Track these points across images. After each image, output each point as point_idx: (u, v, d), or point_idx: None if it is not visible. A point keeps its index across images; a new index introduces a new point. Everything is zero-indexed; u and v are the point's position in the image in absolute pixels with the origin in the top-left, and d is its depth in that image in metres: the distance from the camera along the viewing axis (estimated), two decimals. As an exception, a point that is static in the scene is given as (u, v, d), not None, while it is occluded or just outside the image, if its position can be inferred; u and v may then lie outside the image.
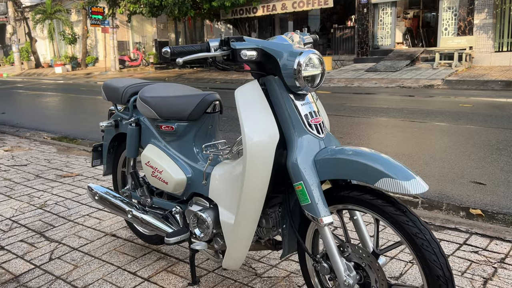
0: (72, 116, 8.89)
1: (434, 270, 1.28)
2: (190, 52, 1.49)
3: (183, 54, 1.48)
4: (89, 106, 10.63)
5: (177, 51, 1.47)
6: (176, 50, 1.47)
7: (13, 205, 3.26)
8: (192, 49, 1.49)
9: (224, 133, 6.00)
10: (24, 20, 28.15)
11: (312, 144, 1.50)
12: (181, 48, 1.48)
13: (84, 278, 2.17)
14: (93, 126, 6.83)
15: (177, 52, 1.47)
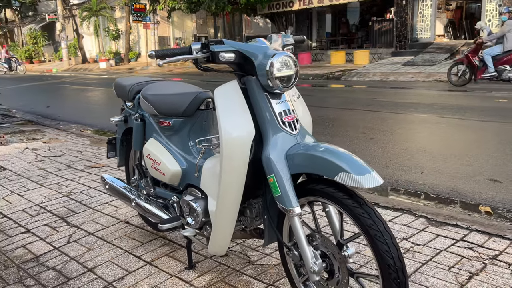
0: (111, 110, 9.32)
1: (386, 260, 1.37)
2: (173, 54, 1.63)
3: (166, 56, 1.62)
4: (127, 100, 11.06)
5: (161, 53, 1.62)
6: (160, 53, 1.62)
7: (43, 193, 3.55)
8: (175, 51, 1.63)
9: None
10: (72, 18, 29.43)
11: (284, 140, 1.61)
12: (165, 51, 1.62)
13: (95, 260, 2.38)
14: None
15: (161, 54, 1.62)
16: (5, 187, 3.76)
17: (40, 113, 8.75)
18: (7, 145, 5.16)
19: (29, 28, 34.33)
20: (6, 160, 4.64)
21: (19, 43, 35.10)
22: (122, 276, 2.19)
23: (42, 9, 34.65)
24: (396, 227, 2.63)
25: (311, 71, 15.07)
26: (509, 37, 9.10)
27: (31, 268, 2.34)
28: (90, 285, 2.13)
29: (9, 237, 2.75)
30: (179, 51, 1.64)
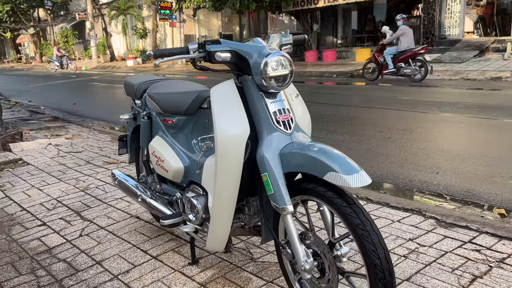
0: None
1: (372, 259, 1.36)
2: (171, 54, 1.67)
3: (164, 56, 1.66)
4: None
5: (159, 53, 1.66)
6: (158, 52, 1.66)
7: (61, 187, 3.67)
8: (173, 51, 1.67)
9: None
10: (101, 16, 30.09)
11: (279, 139, 1.62)
12: (164, 51, 1.66)
13: (103, 253, 2.46)
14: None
15: (159, 54, 1.66)
16: (26, 181, 3.90)
17: (67, 110, 9.01)
18: (31, 141, 5.34)
19: (61, 27, 35.29)
20: (29, 155, 4.81)
21: (51, 42, 36.12)
22: (127, 270, 2.26)
23: (73, 8, 35.54)
24: (404, 227, 2.61)
25: (335, 69, 14.93)
26: (403, 40, 10.90)
27: (43, 260, 2.43)
28: (97, 278, 2.20)
29: (26, 230, 2.86)
30: (177, 51, 1.68)
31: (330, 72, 14.39)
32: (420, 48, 10.85)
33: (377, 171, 3.98)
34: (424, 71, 10.49)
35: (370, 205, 2.99)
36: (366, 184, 1.39)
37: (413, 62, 10.65)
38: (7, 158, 4.63)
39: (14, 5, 34.86)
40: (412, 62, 10.66)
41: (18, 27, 38.54)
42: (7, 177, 4.09)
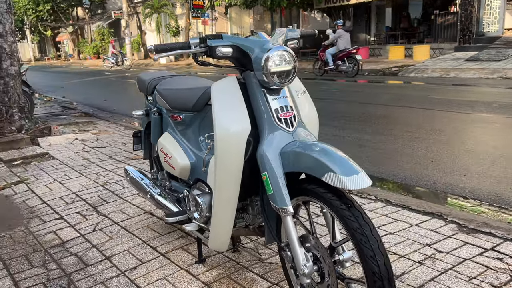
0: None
1: (370, 266, 1.28)
2: (172, 49, 1.64)
3: (165, 51, 1.63)
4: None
5: (160, 48, 1.63)
6: (160, 47, 1.63)
7: (82, 182, 3.73)
8: (174, 46, 1.64)
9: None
10: (136, 15, 30.65)
11: (280, 137, 1.56)
12: (165, 46, 1.63)
13: (113, 249, 2.46)
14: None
15: (160, 49, 1.63)
16: (50, 175, 3.99)
17: (97, 105, 9.21)
18: (59, 136, 5.48)
19: (98, 25, 36.21)
20: (56, 150, 4.93)
21: (88, 40, 37.14)
22: (135, 266, 2.25)
23: (110, 7, 36.38)
24: (422, 232, 2.49)
25: (367, 67, 14.62)
26: (339, 42, 12.66)
27: (56, 253, 2.47)
28: (104, 273, 2.20)
29: (43, 223, 2.92)
30: (179, 46, 1.64)
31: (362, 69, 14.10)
32: (352, 49, 12.65)
33: (400, 172, 3.84)
34: (356, 68, 12.53)
35: (388, 207, 2.88)
36: (365, 186, 1.31)
37: (348, 60, 12.61)
38: (35, 152, 4.75)
39: (54, 4, 36.05)
40: (347, 61, 12.62)
41: (58, 25, 39.83)
42: (33, 170, 4.20)
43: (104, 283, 2.12)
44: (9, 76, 5.22)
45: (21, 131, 5.26)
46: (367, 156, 4.38)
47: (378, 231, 2.40)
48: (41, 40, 47.73)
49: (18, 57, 5.40)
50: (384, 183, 3.63)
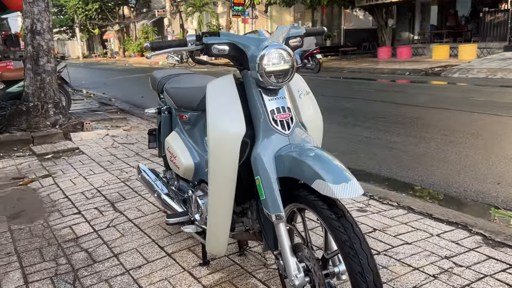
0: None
1: (358, 283, 1.19)
2: (168, 46, 1.59)
3: (161, 48, 1.59)
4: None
5: (156, 45, 1.59)
6: (155, 44, 1.59)
7: (105, 177, 3.79)
8: (170, 43, 1.60)
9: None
10: (178, 13, 31.19)
11: (275, 140, 1.49)
12: (161, 43, 1.59)
13: (123, 246, 2.47)
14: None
15: (156, 46, 1.59)
16: (76, 170, 4.08)
17: (134, 102, 9.39)
18: (91, 131, 5.61)
19: (142, 24, 37.14)
20: (86, 145, 5.05)
21: (133, 38, 38.16)
22: (140, 265, 2.24)
23: (154, 5, 37.21)
24: (442, 243, 2.33)
25: (408, 66, 14.17)
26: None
27: (68, 248, 2.50)
28: (110, 271, 2.21)
29: (62, 217, 2.97)
30: (175, 43, 1.60)
31: (402, 69, 13.67)
32: (313, 49, 14.12)
33: (429, 178, 3.65)
34: (318, 65, 14.40)
35: (410, 215, 2.73)
36: (354, 195, 1.21)
37: (312, 59, 14.43)
38: (66, 147, 4.89)
39: (102, 3, 37.33)
40: (311, 59, 14.44)
41: (105, 23, 41.22)
42: (61, 164, 4.31)
43: (108, 281, 2.11)
44: (45, 73, 5.40)
45: (55, 126, 5.43)
46: (396, 159, 4.20)
47: (395, 240, 2.30)
48: (89, 38, 49.50)
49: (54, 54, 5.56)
50: (409, 189, 3.46)
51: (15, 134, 5.11)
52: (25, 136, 5.09)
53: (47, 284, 2.12)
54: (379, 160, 4.22)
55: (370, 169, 4.00)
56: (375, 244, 2.34)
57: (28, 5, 5.28)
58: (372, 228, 2.54)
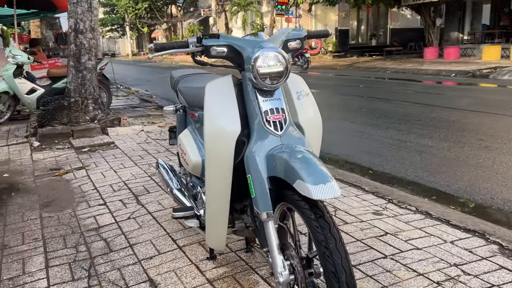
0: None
1: (331, 283, 1.21)
2: (171, 47, 1.67)
3: (164, 49, 1.67)
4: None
5: (159, 46, 1.67)
6: (159, 46, 1.67)
7: (133, 171, 3.95)
8: (173, 45, 1.67)
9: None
10: (224, 12, 31.60)
11: (267, 140, 1.52)
12: (164, 44, 1.67)
13: (139, 237, 2.58)
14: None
15: (159, 47, 1.67)
16: (108, 163, 4.28)
17: (174, 100, 9.61)
18: (127, 127, 5.84)
19: (188, 23, 37.93)
20: (121, 140, 5.26)
21: (180, 36, 39.05)
22: (151, 256, 2.34)
23: (201, 4, 37.92)
24: (454, 250, 2.28)
25: (455, 67, 13.68)
26: None
27: (89, 236, 2.64)
28: (123, 260, 2.32)
29: (88, 207, 3.14)
30: (178, 45, 1.67)
31: (448, 70, 13.22)
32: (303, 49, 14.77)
33: (455, 183, 3.55)
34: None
35: (427, 220, 2.68)
36: (330, 197, 1.23)
37: (301, 57, 15.76)
38: (102, 141, 5.12)
39: (151, 2, 38.50)
40: (301, 58, 15.79)
41: (153, 22, 42.46)
42: (96, 158, 4.53)
43: (120, 269, 2.23)
44: (86, 70, 5.68)
45: (94, 120, 5.69)
46: (424, 163, 4.11)
47: (405, 245, 2.27)
48: (139, 36, 51.13)
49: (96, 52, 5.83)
50: (432, 194, 3.37)
51: (57, 127, 5.42)
52: (65, 129, 5.37)
53: (65, 269, 2.26)
54: (406, 163, 4.14)
55: (395, 172, 3.94)
56: (383, 247, 2.32)
57: (72, 5, 5.57)
58: (384, 232, 2.52)
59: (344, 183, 3.42)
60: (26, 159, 4.60)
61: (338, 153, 4.70)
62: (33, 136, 5.41)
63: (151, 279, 2.12)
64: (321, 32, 1.84)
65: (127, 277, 2.15)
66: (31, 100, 6.48)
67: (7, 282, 2.18)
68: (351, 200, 3.05)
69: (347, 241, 2.40)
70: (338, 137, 5.49)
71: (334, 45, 24.13)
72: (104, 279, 2.14)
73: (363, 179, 3.59)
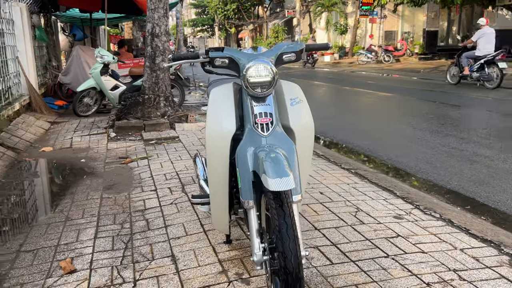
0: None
1: (280, 262, 1.43)
2: (186, 58, 1.98)
3: (180, 59, 1.98)
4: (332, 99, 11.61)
5: (176, 57, 1.98)
6: (175, 56, 1.98)
7: (187, 164, 4.37)
8: (187, 56, 1.98)
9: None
10: (308, 13, 31.69)
11: (255, 139, 1.77)
12: (181, 55, 1.98)
13: (174, 220, 2.95)
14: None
15: (176, 58, 1.98)
16: (168, 155, 4.75)
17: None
18: (193, 123, 6.33)
19: (274, 23, 38.55)
20: (185, 135, 5.75)
21: (264, 37, 39.85)
22: (179, 236, 2.68)
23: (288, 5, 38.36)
24: (460, 257, 2.33)
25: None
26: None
27: (135, 216, 3.07)
28: (156, 237, 2.69)
29: (141, 192, 3.59)
30: (191, 56, 1.98)
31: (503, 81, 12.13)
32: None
33: (496, 195, 3.47)
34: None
35: (446, 227, 2.72)
36: (283, 188, 1.46)
37: (489, 68, 10.21)
38: (168, 135, 5.65)
39: (239, 4, 39.78)
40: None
41: (240, 23, 43.78)
42: (159, 149, 5.04)
43: (152, 245, 2.60)
44: (160, 70, 6.26)
45: (164, 116, 6.26)
46: (472, 173, 4.02)
47: (411, 247, 2.37)
48: (227, 36, 52.97)
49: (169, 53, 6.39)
50: (467, 204, 3.34)
51: (131, 121, 6.05)
52: (138, 123, 5.99)
53: (109, 241, 2.69)
54: (453, 172, 4.08)
55: (438, 180, 3.92)
56: (388, 248, 2.43)
57: (150, 11, 6.17)
58: (396, 234, 2.62)
59: (378, 187, 3.51)
60: (102, 148, 5.25)
61: (386, 157, 4.73)
62: (111, 127, 6.10)
63: (173, 254, 2.45)
64: (321, 45, 2.03)
65: (155, 252, 2.51)
66: (114, 95, 7.26)
67: (63, 246, 2.65)
68: (378, 203, 3.15)
69: (356, 239, 2.55)
70: (392, 141, 5.49)
71: (421, 47, 23.16)
72: (137, 252, 2.52)
73: (398, 184, 3.65)
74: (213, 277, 2.19)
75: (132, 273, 2.28)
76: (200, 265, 2.31)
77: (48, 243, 2.69)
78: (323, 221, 2.81)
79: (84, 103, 7.40)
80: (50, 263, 2.44)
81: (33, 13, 8.48)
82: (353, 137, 5.84)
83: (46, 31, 9.57)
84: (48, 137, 5.98)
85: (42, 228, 2.93)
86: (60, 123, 6.96)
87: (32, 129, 6.18)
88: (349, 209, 3.02)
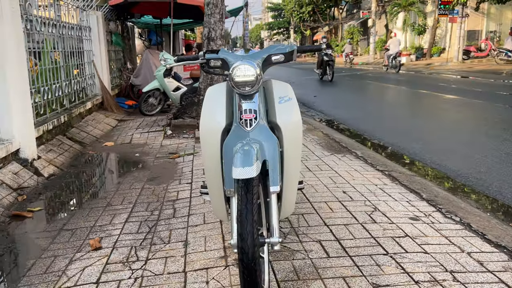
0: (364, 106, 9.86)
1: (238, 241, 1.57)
2: (187, 59, 2.18)
3: (183, 61, 2.19)
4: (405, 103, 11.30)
5: (179, 59, 2.20)
6: (179, 58, 2.20)
7: (227, 160, 4.60)
8: (188, 58, 2.18)
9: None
10: (384, 14, 30.77)
11: (240, 133, 1.92)
12: (182, 57, 2.20)
13: (199, 210, 3.18)
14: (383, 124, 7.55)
15: (179, 60, 2.20)
16: (212, 152, 5.02)
17: (304, 101, 10.16)
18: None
19: (349, 25, 37.95)
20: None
21: (339, 38, 39.36)
22: (197, 224, 2.91)
23: (364, 6, 37.56)
24: (463, 260, 2.29)
25: None
26: None
27: (165, 205, 3.35)
28: (177, 224, 2.94)
29: (178, 184, 3.87)
30: (192, 58, 2.18)
31: None
32: None
33: (534, 202, 3.28)
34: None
35: (462, 231, 2.66)
36: (242, 177, 1.60)
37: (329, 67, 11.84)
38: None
39: (315, 6, 39.72)
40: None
41: (316, 25, 43.66)
42: (206, 147, 5.33)
43: (172, 230, 2.85)
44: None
45: (217, 116, 6.56)
46: (506, 176, 3.81)
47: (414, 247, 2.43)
48: (302, 38, 53.07)
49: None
50: (499, 210, 3.20)
51: (186, 120, 6.44)
52: (193, 122, 6.35)
53: (137, 224, 2.98)
54: (495, 179, 3.89)
55: (477, 185, 3.77)
56: (391, 246, 2.45)
57: (207, 16, 6.52)
58: (405, 234, 2.62)
59: (406, 189, 3.47)
60: (157, 144, 5.67)
61: (429, 160, 4.61)
62: (168, 126, 6.54)
63: (187, 239, 2.68)
64: (313, 47, 2.13)
65: (172, 236, 2.75)
66: (176, 96, 7.75)
67: (97, 227, 2.99)
68: (399, 204, 3.14)
69: (361, 236, 2.59)
70: (445, 145, 5.30)
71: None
72: (157, 236, 2.78)
73: (428, 187, 3.58)
74: (213, 260, 2.37)
75: (147, 253, 2.53)
76: (206, 250, 2.51)
77: (86, 224, 3.05)
78: (334, 218, 2.88)
79: (149, 103, 7.98)
80: (83, 240, 2.78)
81: (110, 20, 9.28)
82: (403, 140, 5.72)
83: (122, 36, 10.40)
84: (113, 133, 6.57)
85: (85, 211, 3.31)
86: (126, 121, 7.57)
87: (100, 126, 6.81)
88: (366, 209, 3.04)
